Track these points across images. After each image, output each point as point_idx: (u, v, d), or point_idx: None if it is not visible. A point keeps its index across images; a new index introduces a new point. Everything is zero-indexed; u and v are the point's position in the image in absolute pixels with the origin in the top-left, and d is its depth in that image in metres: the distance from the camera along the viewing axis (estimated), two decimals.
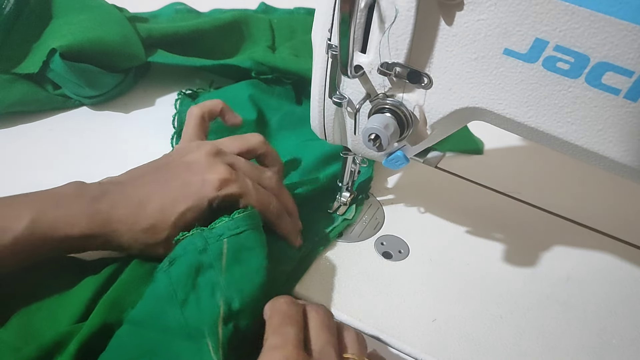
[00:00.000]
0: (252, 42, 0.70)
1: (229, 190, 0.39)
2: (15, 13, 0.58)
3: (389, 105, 0.36)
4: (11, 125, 0.56)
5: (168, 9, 0.74)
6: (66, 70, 0.55)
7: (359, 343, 0.35)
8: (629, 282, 0.46)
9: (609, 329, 0.42)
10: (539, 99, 0.31)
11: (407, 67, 0.34)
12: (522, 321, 0.42)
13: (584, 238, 0.50)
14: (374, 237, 0.48)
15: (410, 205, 0.51)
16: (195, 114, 0.45)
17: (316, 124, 0.42)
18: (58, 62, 0.55)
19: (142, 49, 0.61)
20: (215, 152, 0.41)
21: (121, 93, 0.62)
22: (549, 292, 0.44)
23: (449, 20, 0.32)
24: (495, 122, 0.35)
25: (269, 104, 0.60)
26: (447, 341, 0.40)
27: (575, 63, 0.29)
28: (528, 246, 0.48)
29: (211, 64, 0.62)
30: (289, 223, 0.43)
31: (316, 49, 0.38)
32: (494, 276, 0.45)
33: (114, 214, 0.37)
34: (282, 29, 0.73)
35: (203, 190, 0.38)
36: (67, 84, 0.57)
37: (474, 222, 0.50)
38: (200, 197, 0.38)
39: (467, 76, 0.33)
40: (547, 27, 0.29)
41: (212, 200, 0.38)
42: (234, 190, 0.39)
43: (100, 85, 0.59)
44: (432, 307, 0.42)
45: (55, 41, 0.55)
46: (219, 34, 0.67)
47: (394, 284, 0.44)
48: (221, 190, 0.38)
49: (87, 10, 0.61)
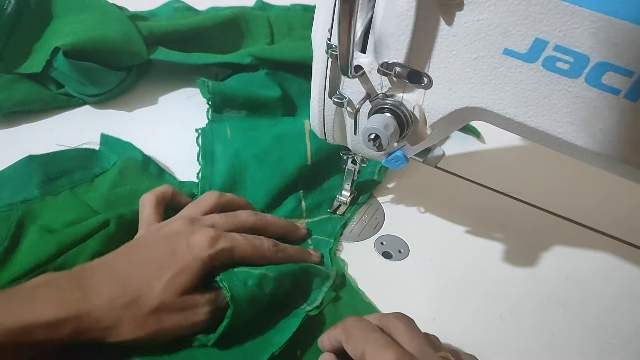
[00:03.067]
0: (251, 39, 0.70)
1: (219, 247, 0.38)
2: (17, 13, 0.58)
3: (389, 105, 0.36)
4: (16, 124, 0.56)
5: (167, 7, 0.74)
6: (69, 68, 0.55)
7: (440, 343, 0.35)
8: (628, 282, 0.46)
9: (609, 329, 0.42)
10: (539, 98, 0.31)
11: (407, 67, 0.34)
12: (522, 321, 0.42)
13: (584, 238, 0.50)
14: (374, 237, 0.48)
15: (410, 205, 0.51)
16: (150, 200, 0.43)
17: (316, 124, 0.42)
18: (61, 61, 0.55)
19: (144, 47, 0.62)
20: (190, 219, 0.40)
21: (123, 91, 0.62)
22: (549, 292, 0.44)
23: (449, 20, 0.32)
24: (495, 122, 0.35)
25: (286, 77, 0.61)
26: (447, 341, 0.40)
27: (575, 63, 0.29)
28: (528, 246, 0.48)
29: (212, 61, 0.62)
30: (290, 249, 0.43)
31: (316, 49, 0.38)
32: (494, 276, 0.45)
33: (90, 294, 0.34)
34: (280, 25, 0.73)
35: (192, 254, 0.37)
36: (71, 82, 0.57)
37: (474, 222, 0.50)
38: (190, 261, 0.37)
39: (467, 76, 0.33)
40: (547, 27, 0.29)
41: (206, 260, 0.37)
42: (224, 245, 0.38)
43: (103, 83, 0.59)
44: (432, 306, 0.42)
45: (58, 40, 0.55)
46: (218, 31, 0.68)
47: (394, 284, 0.44)
48: (212, 247, 0.37)
49: (87, 9, 0.61)
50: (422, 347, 0.32)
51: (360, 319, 0.34)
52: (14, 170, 0.48)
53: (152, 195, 0.43)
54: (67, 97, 0.59)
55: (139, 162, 0.52)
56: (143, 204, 0.43)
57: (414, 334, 0.33)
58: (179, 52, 0.63)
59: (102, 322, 0.34)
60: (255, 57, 0.61)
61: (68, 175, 0.49)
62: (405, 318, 0.34)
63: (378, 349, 0.30)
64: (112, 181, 0.49)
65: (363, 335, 0.32)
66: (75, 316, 0.33)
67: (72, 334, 0.33)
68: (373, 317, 0.35)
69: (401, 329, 0.33)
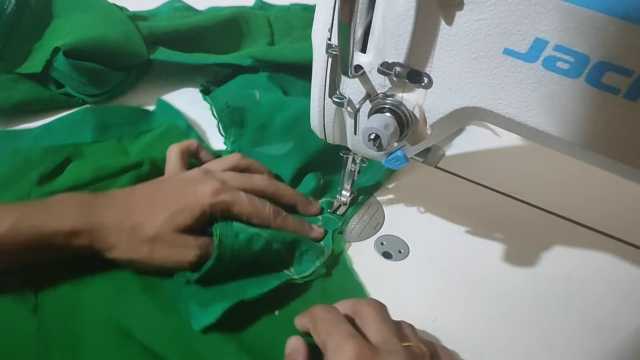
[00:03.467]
0: (251, 38, 0.70)
1: (220, 198, 0.41)
2: (17, 13, 0.58)
3: (389, 105, 0.36)
4: (15, 124, 0.56)
5: (166, 6, 0.74)
6: (70, 68, 0.56)
7: (416, 332, 0.35)
8: (628, 282, 0.46)
9: (609, 329, 0.42)
10: (539, 98, 0.31)
11: (407, 67, 0.34)
12: (522, 321, 0.42)
13: (584, 238, 0.50)
14: (374, 237, 0.48)
15: (410, 205, 0.51)
16: (175, 151, 0.47)
17: (316, 124, 0.42)
18: (62, 61, 0.55)
19: (144, 47, 0.62)
20: (205, 171, 0.44)
21: (123, 91, 0.62)
22: (549, 292, 0.44)
23: (449, 20, 0.32)
24: (495, 121, 0.35)
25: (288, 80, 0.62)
26: (447, 341, 0.40)
27: (575, 63, 0.29)
28: (528, 246, 0.48)
29: (213, 62, 0.62)
30: (291, 220, 0.45)
31: (316, 49, 0.38)
32: (494, 276, 0.45)
33: (103, 212, 0.39)
34: (280, 25, 0.74)
35: (195, 199, 0.40)
36: (71, 82, 0.57)
37: (474, 222, 0.50)
38: (192, 204, 0.40)
39: (467, 76, 0.33)
40: (547, 26, 0.29)
41: (205, 207, 0.40)
42: (225, 198, 0.41)
43: (103, 83, 0.59)
44: (432, 307, 0.42)
45: (58, 40, 0.55)
46: (219, 30, 0.68)
47: (394, 284, 0.44)
48: (214, 197, 0.41)
49: (87, 9, 0.61)
50: (388, 337, 0.32)
51: (328, 309, 0.35)
52: (71, 117, 0.56)
53: (178, 147, 0.48)
54: (67, 97, 0.59)
55: (181, 129, 0.57)
56: (169, 154, 0.48)
57: (382, 323, 0.33)
58: (179, 53, 0.63)
59: (108, 238, 0.39)
60: (255, 59, 0.61)
61: (118, 127, 0.56)
62: (377, 305, 0.35)
63: (340, 340, 0.31)
64: (153, 139, 0.54)
65: (327, 326, 0.33)
66: (89, 229, 0.38)
67: (84, 244, 0.38)
68: (346, 303, 0.36)
69: (371, 317, 0.34)
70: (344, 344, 0.31)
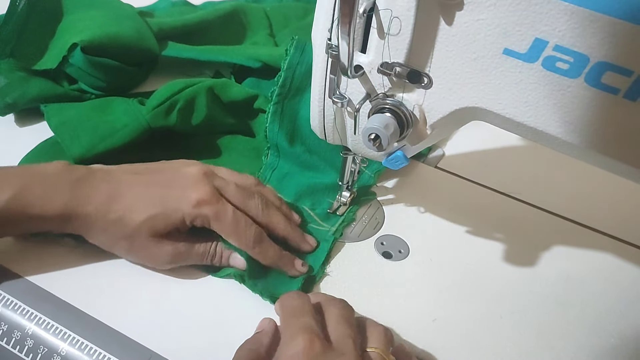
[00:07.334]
0: (251, 30, 0.72)
1: (202, 211, 0.40)
2: (28, 10, 0.58)
3: (389, 105, 0.36)
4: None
5: (164, 2, 0.74)
6: (87, 64, 0.55)
7: (385, 337, 0.35)
8: (628, 282, 0.46)
9: (609, 329, 0.42)
10: (539, 98, 0.31)
11: (407, 67, 0.34)
12: (522, 321, 0.42)
13: (584, 238, 0.50)
14: (374, 237, 0.48)
15: (410, 205, 0.51)
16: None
17: (316, 124, 0.42)
18: (79, 57, 0.55)
19: (156, 43, 0.62)
20: (208, 172, 0.42)
21: (134, 87, 0.63)
22: (548, 292, 0.44)
23: (448, 20, 0.32)
24: (495, 122, 0.35)
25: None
26: (447, 341, 0.40)
27: (575, 63, 0.29)
28: (528, 246, 0.48)
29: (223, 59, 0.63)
30: (272, 253, 0.42)
31: (316, 49, 0.38)
32: (494, 276, 0.45)
33: (90, 199, 0.39)
34: (276, 17, 0.75)
35: (178, 204, 0.39)
36: (86, 78, 0.57)
37: (474, 222, 0.50)
38: (172, 211, 0.39)
39: (467, 76, 0.33)
40: (547, 27, 0.29)
41: (186, 216, 0.40)
42: (207, 212, 0.40)
43: (118, 79, 0.59)
44: (432, 307, 0.42)
45: (74, 36, 0.55)
46: (221, 24, 0.69)
47: (394, 284, 0.44)
48: (196, 208, 0.39)
49: (97, 6, 0.62)
50: (344, 338, 0.33)
51: (298, 297, 0.36)
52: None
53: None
54: (79, 93, 0.59)
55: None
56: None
57: (342, 324, 0.34)
58: (189, 48, 0.63)
59: (92, 229, 0.39)
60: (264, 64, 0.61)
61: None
62: (342, 306, 0.36)
63: (295, 331, 0.32)
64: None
65: (287, 317, 0.34)
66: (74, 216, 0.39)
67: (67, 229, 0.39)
68: (320, 297, 0.36)
69: (333, 316, 0.34)
70: (297, 335, 0.32)
